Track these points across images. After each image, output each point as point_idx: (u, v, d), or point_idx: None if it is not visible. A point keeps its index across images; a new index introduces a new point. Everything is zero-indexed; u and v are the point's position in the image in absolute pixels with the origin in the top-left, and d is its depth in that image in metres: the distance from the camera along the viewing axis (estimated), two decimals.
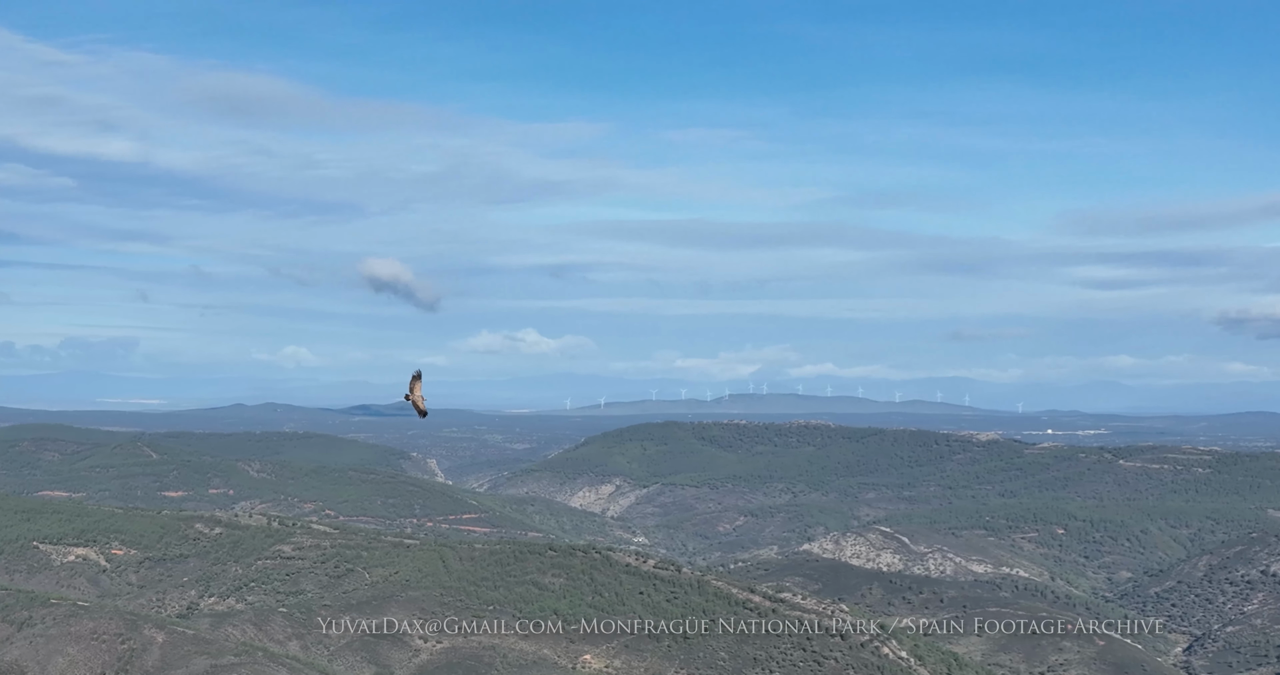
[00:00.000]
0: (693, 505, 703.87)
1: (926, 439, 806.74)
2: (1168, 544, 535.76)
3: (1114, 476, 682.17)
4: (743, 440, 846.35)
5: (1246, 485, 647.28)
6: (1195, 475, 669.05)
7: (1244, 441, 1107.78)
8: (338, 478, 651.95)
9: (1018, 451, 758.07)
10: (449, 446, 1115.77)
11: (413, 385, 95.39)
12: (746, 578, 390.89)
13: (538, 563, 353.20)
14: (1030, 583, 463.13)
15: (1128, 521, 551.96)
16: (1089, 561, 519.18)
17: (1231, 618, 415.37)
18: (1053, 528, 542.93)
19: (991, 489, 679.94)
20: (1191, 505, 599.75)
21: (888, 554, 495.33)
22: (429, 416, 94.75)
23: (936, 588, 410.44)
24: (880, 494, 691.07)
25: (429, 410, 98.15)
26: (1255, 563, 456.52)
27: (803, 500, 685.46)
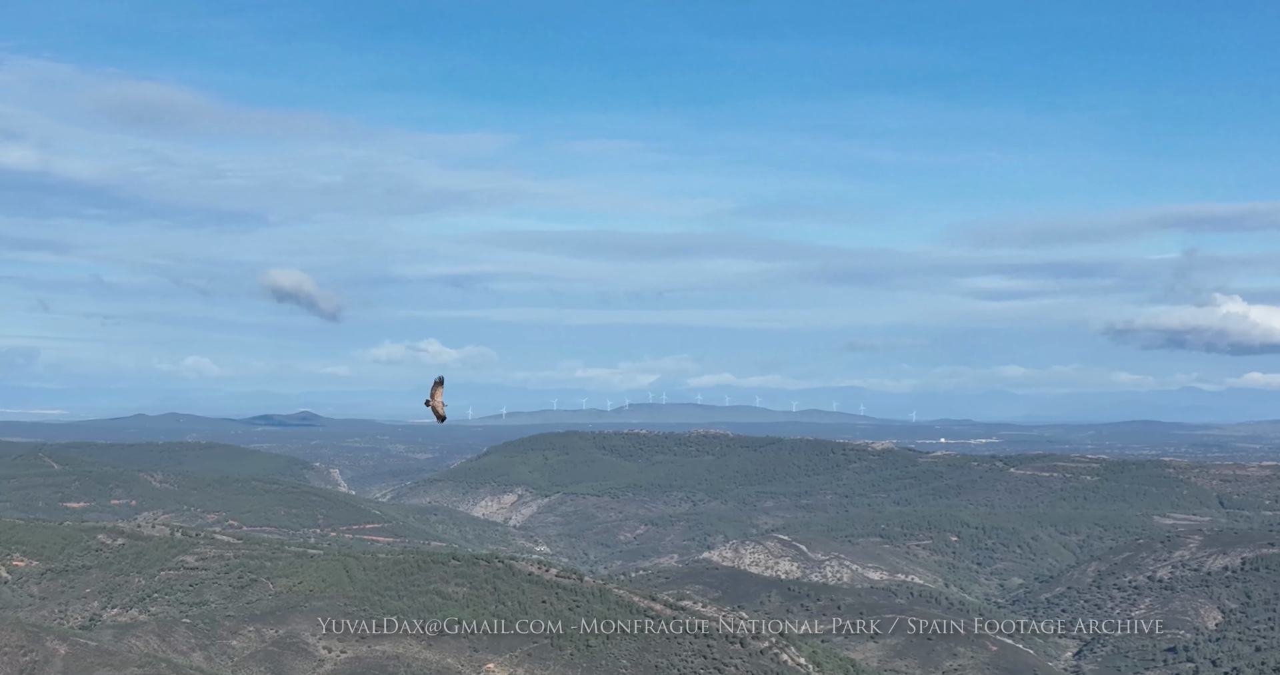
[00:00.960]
0: (594, 514, 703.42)
1: (823, 448, 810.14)
2: (1058, 550, 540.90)
3: (1005, 484, 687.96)
4: (643, 449, 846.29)
5: (1133, 492, 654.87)
6: (1084, 483, 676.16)
7: (1130, 450, 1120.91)
8: (241, 488, 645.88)
9: (912, 460, 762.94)
10: (352, 456, 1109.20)
11: (434, 391, 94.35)
12: (647, 586, 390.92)
13: (441, 572, 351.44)
14: (925, 589, 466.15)
15: (1019, 529, 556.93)
16: (982, 568, 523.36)
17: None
18: (946, 535, 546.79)
19: (887, 497, 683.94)
20: (1080, 512, 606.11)
21: (786, 562, 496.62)
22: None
23: (834, 595, 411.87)
24: (778, 502, 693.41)
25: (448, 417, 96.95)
26: (1142, 568, 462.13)
27: (702, 509, 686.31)
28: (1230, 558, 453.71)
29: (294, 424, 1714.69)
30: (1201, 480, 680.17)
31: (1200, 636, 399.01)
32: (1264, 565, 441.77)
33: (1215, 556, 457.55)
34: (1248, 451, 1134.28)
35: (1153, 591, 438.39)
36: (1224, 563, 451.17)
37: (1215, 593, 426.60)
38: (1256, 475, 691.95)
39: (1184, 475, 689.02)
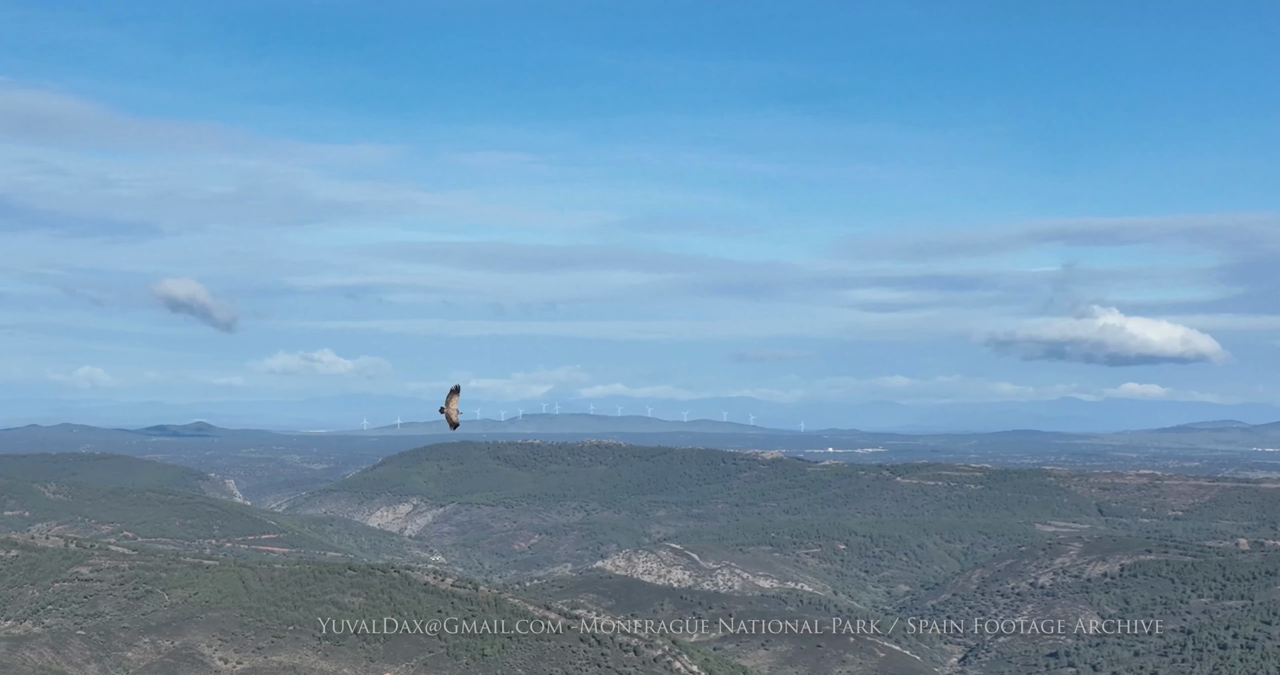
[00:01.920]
0: (489, 524, 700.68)
1: (714, 457, 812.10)
2: (943, 558, 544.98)
3: (892, 493, 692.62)
4: (537, 459, 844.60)
5: (1015, 501, 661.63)
6: (968, 491, 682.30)
7: (1012, 459, 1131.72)
8: (135, 499, 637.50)
9: (801, 469, 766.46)
10: (247, 467, 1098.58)
11: (449, 399, 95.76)
12: (542, 595, 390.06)
13: (337, 582, 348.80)
14: (814, 597, 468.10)
15: (905, 536, 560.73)
16: (869, 575, 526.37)
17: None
18: (835, 543, 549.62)
19: (776, 506, 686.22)
20: (964, 520, 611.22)
21: (678, 570, 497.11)
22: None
23: (725, 603, 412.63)
24: (670, 511, 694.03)
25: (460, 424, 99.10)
26: (1024, 575, 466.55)
27: (595, 518, 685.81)
28: (1109, 564, 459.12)
29: (188, 434, 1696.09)
30: (1081, 489, 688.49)
31: (1081, 641, 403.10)
32: (1141, 571, 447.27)
33: (1095, 563, 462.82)
34: (1125, 460, 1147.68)
35: (1035, 598, 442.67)
36: (1103, 569, 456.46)
37: (1095, 598, 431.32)
38: (1133, 483, 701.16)
39: (1064, 484, 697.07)
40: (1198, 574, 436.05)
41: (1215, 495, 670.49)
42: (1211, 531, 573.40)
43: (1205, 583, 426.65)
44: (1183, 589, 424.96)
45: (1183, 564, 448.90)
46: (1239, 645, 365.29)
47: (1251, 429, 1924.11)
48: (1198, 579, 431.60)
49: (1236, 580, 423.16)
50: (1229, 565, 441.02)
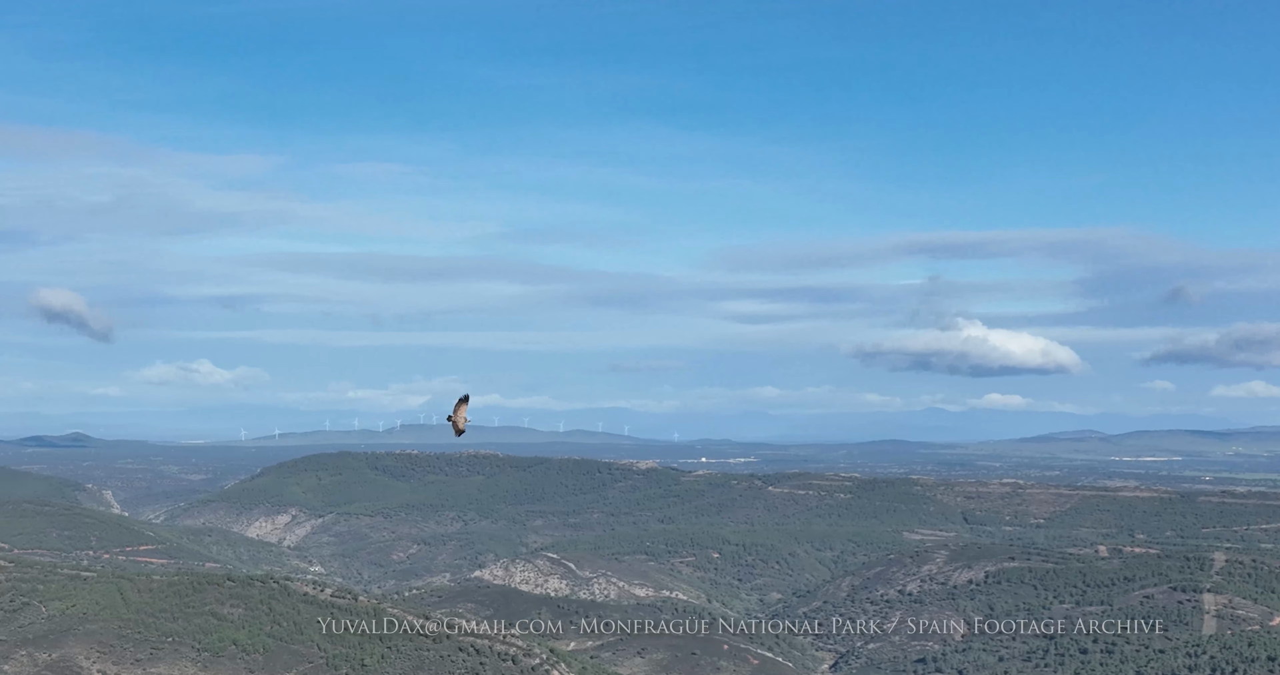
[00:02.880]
0: (367, 534, 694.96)
1: (590, 467, 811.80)
2: (814, 566, 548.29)
3: (764, 502, 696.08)
4: (415, 470, 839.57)
5: (884, 509, 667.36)
6: (837, 500, 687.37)
7: (880, 468, 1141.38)
8: (11, 510, 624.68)
9: (675, 479, 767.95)
10: (125, 478, 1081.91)
11: (457, 407, 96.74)
12: (421, 605, 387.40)
13: (216, 594, 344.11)
14: (689, 605, 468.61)
15: (777, 545, 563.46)
16: (742, 584, 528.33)
17: (873, 635, 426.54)
18: (709, 552, 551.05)
19: (651, 515, 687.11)
20: (835, 529, 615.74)
21: (555, 580, 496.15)
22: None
23: (602, 612, 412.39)
24: (547, 521, 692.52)
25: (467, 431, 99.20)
26: (893, 583, 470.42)
27: (474, 528, 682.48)
28: (974, 571, 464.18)
29: (65, 445, 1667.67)
30: (947, 497, 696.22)
31: (948, 647, 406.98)
32: (1005, 578, 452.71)
33: (961, 570, 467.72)
34: (989, 469, 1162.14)
35: (903, 604, 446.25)
36: (969, 576, 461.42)
37: (961, 605, 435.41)
38: (997, 492, 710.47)
39: (930, 493, 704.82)
40: (1059, 580, 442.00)
41: (1075, 503, 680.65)
42: (1072, 539, 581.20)
43: (1066, 589, 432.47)
44: (1045, 595, 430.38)
45: (1045, 571, 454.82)
46: (1099, 650, 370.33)
47: (1109, 439, 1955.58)
48: (1059, 585, 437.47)
49: (1096, 586, 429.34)
50: (1089, 572, 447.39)
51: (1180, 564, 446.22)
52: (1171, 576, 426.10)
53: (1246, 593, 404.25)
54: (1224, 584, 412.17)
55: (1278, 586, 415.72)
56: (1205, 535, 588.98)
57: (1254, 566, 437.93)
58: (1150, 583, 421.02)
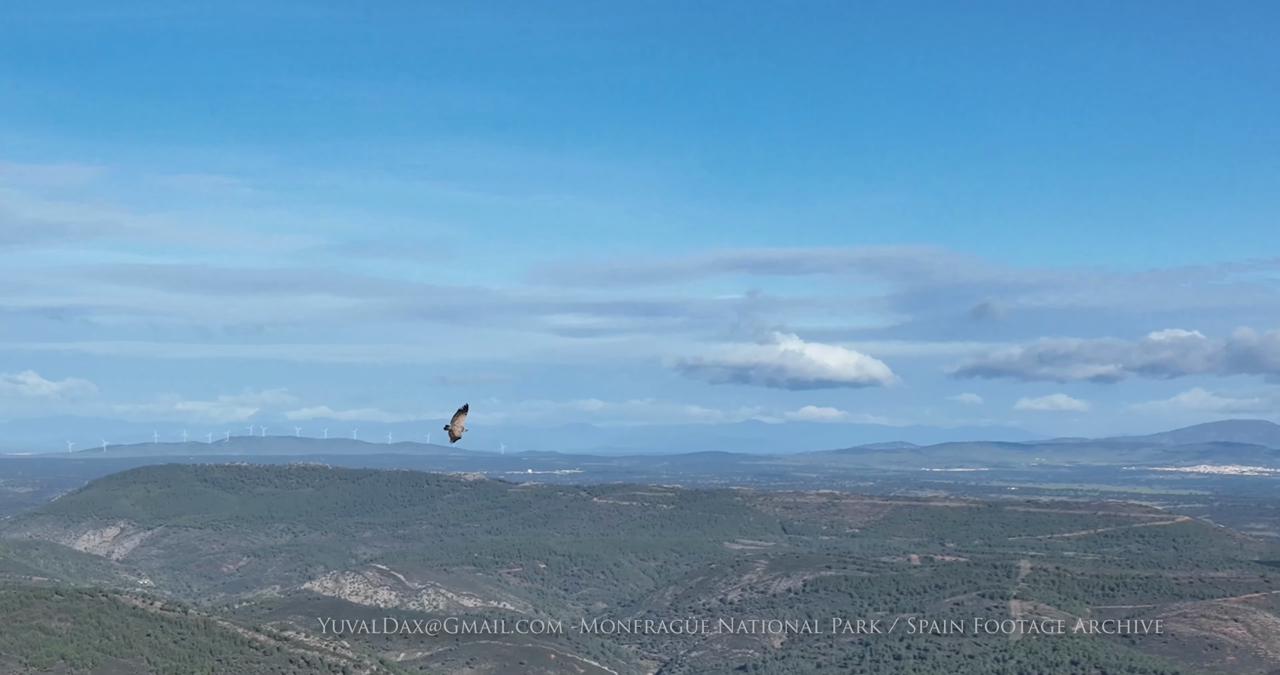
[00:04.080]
0: (197, 547, 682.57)
1: (418, 479, 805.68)
2: (638, 576, 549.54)
3: (589, 513, 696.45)
4: (244, 482, 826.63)
5: (705, 520, 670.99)
6: (660, 511, 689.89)
7: (701, 479, 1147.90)
8: None
9: (502, 491, 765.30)
10: None
11: (456, 417, 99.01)
12: (251, 617, 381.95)
13: (44, 607, 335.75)
14: (516, 615, 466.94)
15: (602, 555, 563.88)
16: (568, 594, 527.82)
17: (696, 643, 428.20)
18: (535, 562, 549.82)
19: (479, 526, 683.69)
20: (658, 539, 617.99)
21: (384, 591, 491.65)
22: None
23: (430, 622, 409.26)
24: (377, 533, 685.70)
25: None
26: (715, 592, 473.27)
27: (303, 540, 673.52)
28: (793, 580, 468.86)
29: None
30: (766, 508, 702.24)
31: (768, 655, 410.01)
32: (823, 586, 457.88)
33: (780, 579, 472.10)
34: (806, 480, 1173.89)
35: (725, 613, 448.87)
36: (787, 585, 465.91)
37: (780, 613, 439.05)
38: (814, 502, 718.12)
39: (750, 503, 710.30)
40: (874, 588, 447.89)
41: (888, 513, 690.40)
42: (885, 548, 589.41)
43: (881, 596, 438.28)
44: (860, 603, 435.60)
45: (860, 579, 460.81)
46: (912, 656, 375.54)
47: (920, 450, 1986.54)
48: (874, 593, 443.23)
49: (909, 593, 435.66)
50: (902, 580, 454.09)
51: (988, 572, 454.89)
52: (980, 584, 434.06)
53: (1050, 599, 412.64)
54: (1029, 590, 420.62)
55: (1080, 593, 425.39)
56: (1011, 543, 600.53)
57: (1057, 573, 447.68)
58: (960, 590, 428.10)
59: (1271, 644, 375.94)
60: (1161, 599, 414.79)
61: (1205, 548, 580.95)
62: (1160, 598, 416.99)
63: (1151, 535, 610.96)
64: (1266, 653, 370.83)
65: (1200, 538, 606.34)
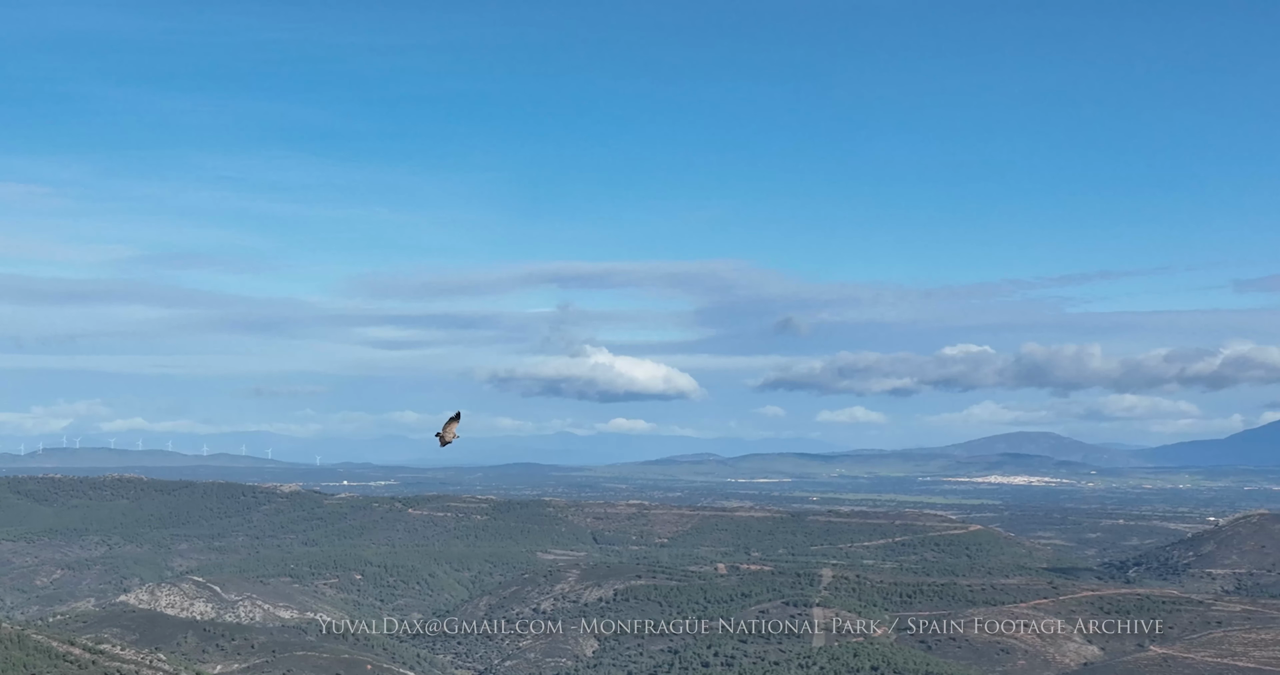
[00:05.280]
0: (9, 559, 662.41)
1: (234, 491, 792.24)
2: (453, 586, 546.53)
3: (404, 524, 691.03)
4: (58, 494, 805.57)
5: (518, 530, 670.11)
6: (474, 522, 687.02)
7: (514, 490, 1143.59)
8: None
9: (318, 502, 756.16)
10: None
11: (449, 424, 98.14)
12: (65, 630, 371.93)
13: None
14: (333, 626, 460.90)
15: (417, 566, 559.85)
16: (385, 604, 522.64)
17: (509, 652, 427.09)
18: (351, 573, 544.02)
19: (295, 538, 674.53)
20: (472, 549, 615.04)
21: (201, 603, 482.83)
22: None
23: (247, 634, 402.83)
24: (193, 545, 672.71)
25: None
26: (528, 601, 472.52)
27: (118, 552, 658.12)
28: (604, 589, 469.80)
29: None
30: (577, 518, 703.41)
31: (580, 663, 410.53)
32: (632, 595, 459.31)
33: (591, 588, 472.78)
34: (616, 491, 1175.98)
35: (538, 622, 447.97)
36: (598, 594, 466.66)
37: (592, 622, 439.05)
38: (624, 513, 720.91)
39: (562, 514, 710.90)
40: (682, 597, 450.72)
41: (696, 523, 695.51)
42: (693, 557, 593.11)
43: (689, 605, 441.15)
44: (669, 611, 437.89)
45: (669, 588, 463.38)
46: (719, 662, 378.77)
47: (726, 461, 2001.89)
48: (682, 601, 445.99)
49: (716, 602, 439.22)
50: (709, 588, 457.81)
51: (792, 580, 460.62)
52: (784, 592, 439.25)
53: (851, 606, 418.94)
54: (831, 598, 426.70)
55: (879, 600, 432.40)
56: (814, 552, 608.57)
57: (858, 581, 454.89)
58: (765, 598, 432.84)
59: (1060, 648, 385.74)
60: (956, 605, 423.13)
61: (996, 555, 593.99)
62: (955, 604, 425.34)
63: (946, 544, 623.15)
64: (1055, 657, 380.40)
65: (992, 546, 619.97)
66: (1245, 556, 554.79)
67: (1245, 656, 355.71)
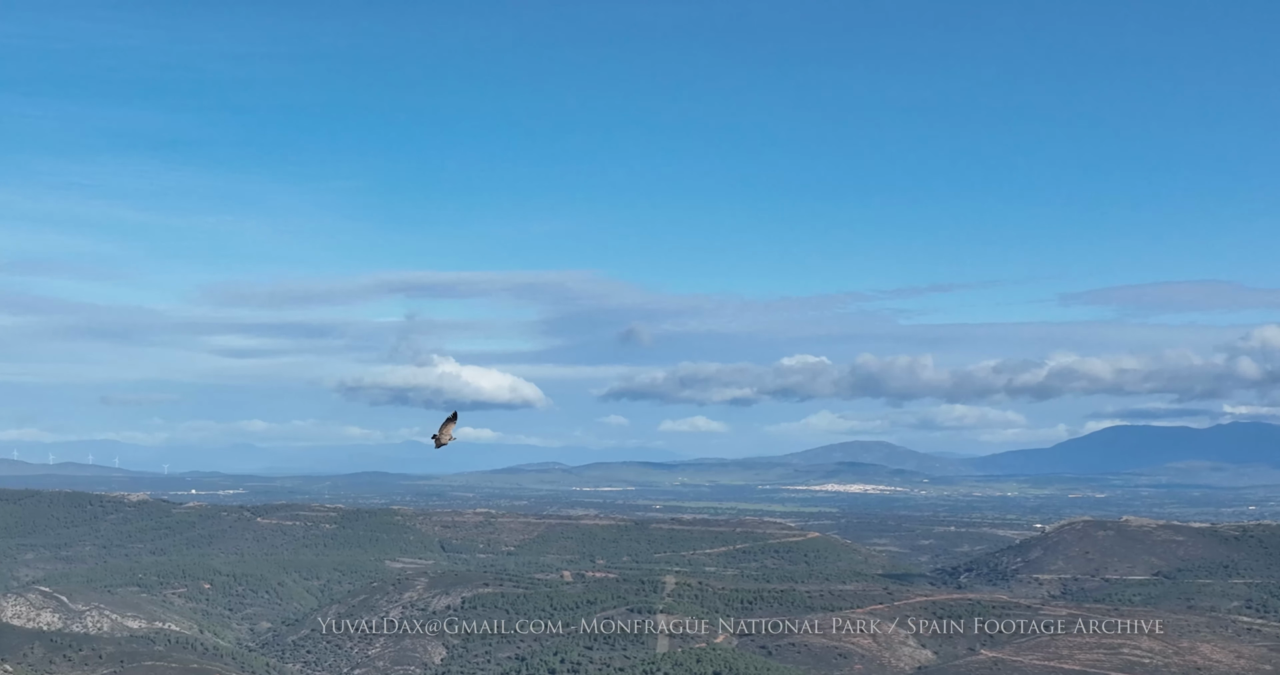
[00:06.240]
0: None
1: (81, 500, 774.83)
2: (302, 595, 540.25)
3: (253, 533, 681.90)
4: None
5: (367, 539, 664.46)
6: (323, 531, 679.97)
7: (363, 499, 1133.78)
8: None
9: (167, 511, 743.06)
10: None
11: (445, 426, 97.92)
12: None
13: None
14: (182, 636, 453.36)
15: (266, 575, 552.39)
16: (233, 613, 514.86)
17: (359, 661, 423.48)
18: (200, 583, 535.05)
19: (144, 547, 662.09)
20: (321, 558, 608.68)
21: (48, 613, 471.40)
22: None
23: (95, 644, 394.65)
24: (39, 554, 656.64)
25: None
26: (377, 610, 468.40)
27: None
28: (452, 597, 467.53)
29: None
30: (425, 527, 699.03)
31: (428, 671, 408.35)
32: (480, 603, 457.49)
33: (439, 596, 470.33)
34: (463, 500, 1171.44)
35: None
36: (447, 602, 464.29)
37: (440, 630, 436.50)
38: (471, 521, 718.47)
39: (410, 522, 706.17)
40: (529, 604, 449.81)
41: (542, 531, 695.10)
42: (540, 565, 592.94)
43: (536, 612, 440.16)
44: (517, 618, 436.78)
45: (516, 595, 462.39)
46: (566, 669, 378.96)
47: (571, 470, 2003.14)
48: (529, 609, 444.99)
49: (562, 609, 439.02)
50: (555, 595, 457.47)
51: (636, 587, 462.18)
52: (629, 599, 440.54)
53: (694, 612, 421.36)
54: (675, 605, 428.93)
55: (721, 606, 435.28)
56: (657, 560, 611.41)
57: (700, 588, 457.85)
58: (610, 605, 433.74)
59: (895, 653, 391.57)
60: (795, 611, 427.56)
61: (834, 562, 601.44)
62: (794, 610, 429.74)
63: (785, 551, 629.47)
64: (890, 661, 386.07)
65: (829, 553, 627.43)
66: (1070, 562, 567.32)
67: (1071, 659, 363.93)
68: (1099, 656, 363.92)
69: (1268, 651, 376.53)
